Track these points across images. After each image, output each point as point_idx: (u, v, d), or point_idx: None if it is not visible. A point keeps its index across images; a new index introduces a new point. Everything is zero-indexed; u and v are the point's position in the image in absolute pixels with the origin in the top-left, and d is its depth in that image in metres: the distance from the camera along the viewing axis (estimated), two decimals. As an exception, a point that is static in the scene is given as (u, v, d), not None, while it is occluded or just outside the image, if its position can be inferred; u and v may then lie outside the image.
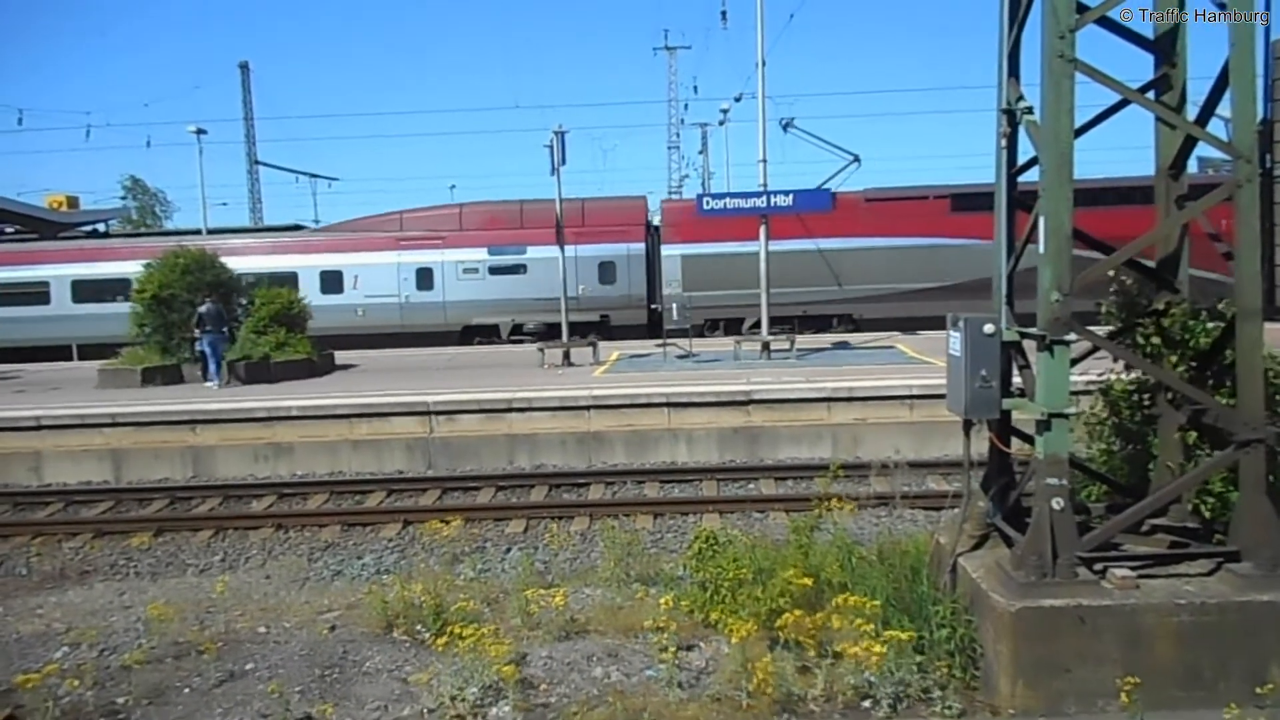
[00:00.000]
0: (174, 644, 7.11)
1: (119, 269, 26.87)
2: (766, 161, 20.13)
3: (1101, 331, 6.15)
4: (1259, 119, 5.48)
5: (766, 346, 19.57)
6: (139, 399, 16.08)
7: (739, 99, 33.47)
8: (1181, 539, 6.00)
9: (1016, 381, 6.24)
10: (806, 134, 21.78)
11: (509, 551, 9.98)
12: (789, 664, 5.88)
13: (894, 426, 13.57)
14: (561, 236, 20.60)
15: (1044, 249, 5.46)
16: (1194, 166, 6.47)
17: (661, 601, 6.49)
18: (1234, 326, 5.59)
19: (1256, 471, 5.48)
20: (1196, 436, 6.04)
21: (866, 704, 5.62)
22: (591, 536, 10.19)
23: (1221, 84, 5.63)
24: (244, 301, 20.77)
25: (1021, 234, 6.04)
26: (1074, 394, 5.57)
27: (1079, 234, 5.68)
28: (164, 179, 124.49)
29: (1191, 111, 6.03)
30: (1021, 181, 6.32)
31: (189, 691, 6.36)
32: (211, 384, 18.19)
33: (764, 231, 19.90)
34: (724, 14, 35.64)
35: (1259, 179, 5.47)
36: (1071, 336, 5.49)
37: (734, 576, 6.59)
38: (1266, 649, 5.28)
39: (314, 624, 7.63)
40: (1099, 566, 5.59)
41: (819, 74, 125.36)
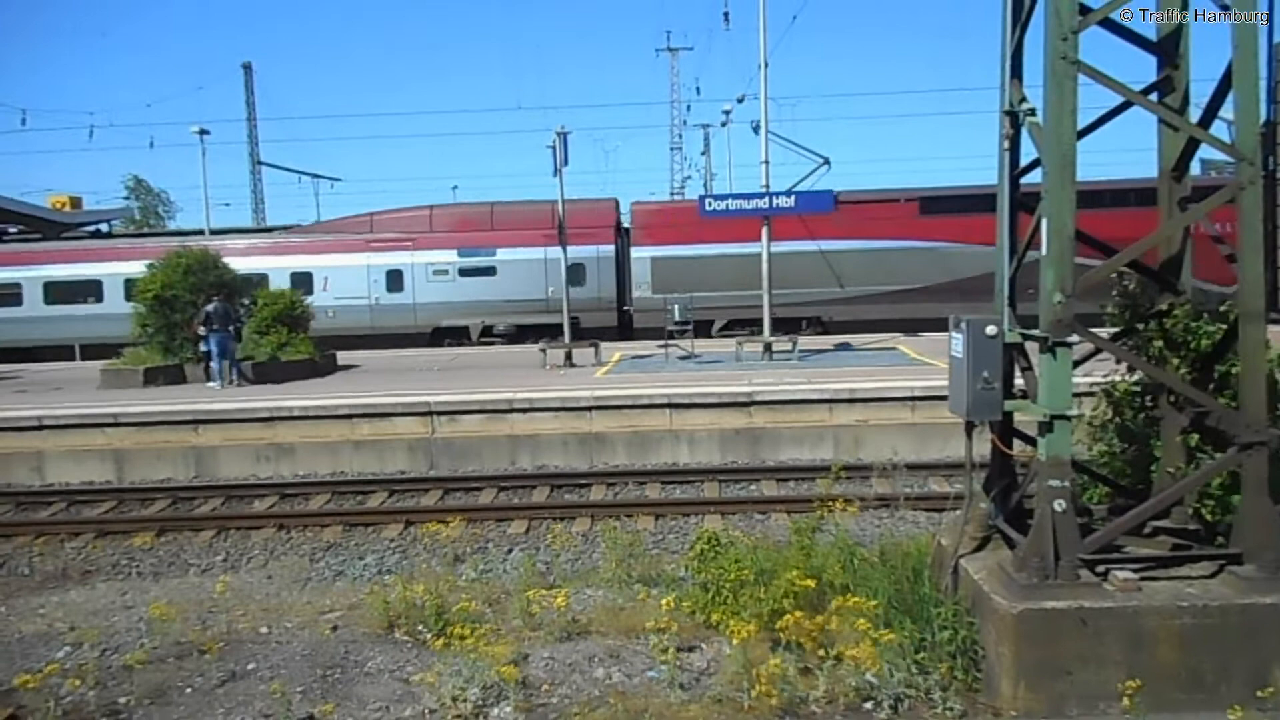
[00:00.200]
0: (176, 644, 7.12)
1: (89, 271, 27.13)
2: (769, 163, 20.17)
3: (1104, 333, 6.15)
4: (1262, 121, 5.47)
5: (768, 348, 19.56)
6: (141, 399, 16.10)
7: (741, 100, 33.50)
8: (1184, 541, 6.00)
9: (1019, 383, 6.24)
10: (778, 137, 21.87)
11: (511, 552, 9.98)
12: (791, 665, 5.87)
13: (896, 428, 13.57)
14: (564, 237, 20.61)
15: (1046, 251, 5.46)
16: (1196, 168, 6.44)
17: (663, 603, 6.50)
18: (1236, 329, 5.59)
19: (1259, 474, 5.48)
20: (1199, 439, 6.04)
21: (868, 705, 5.62)
22: (593, 537, 10.20)
23: (1225, 86, 5.63)
24: (245, 302, 20.76)
25: (1023, 236, 6.04)
26: (1076, 396, 5.57)
27: (1080, 236, 5.68)
28: (167, 179, 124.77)
29: (1194, 114, 6.03)
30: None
31: (191, 691, 6.36)
32: (214, 384, 18.19)
33: (766, 233, 19.87)
34: (726, 15, 35.72)
35: (1262, 181, 5.47)
36: (1074, 338, 5.49)
37: (735, 578, 6.59)
38: (1268, 651, 5.28)
39: (316, 624, 7.63)
40: (1101, 568, 5.58)
41: (821, 75, 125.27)
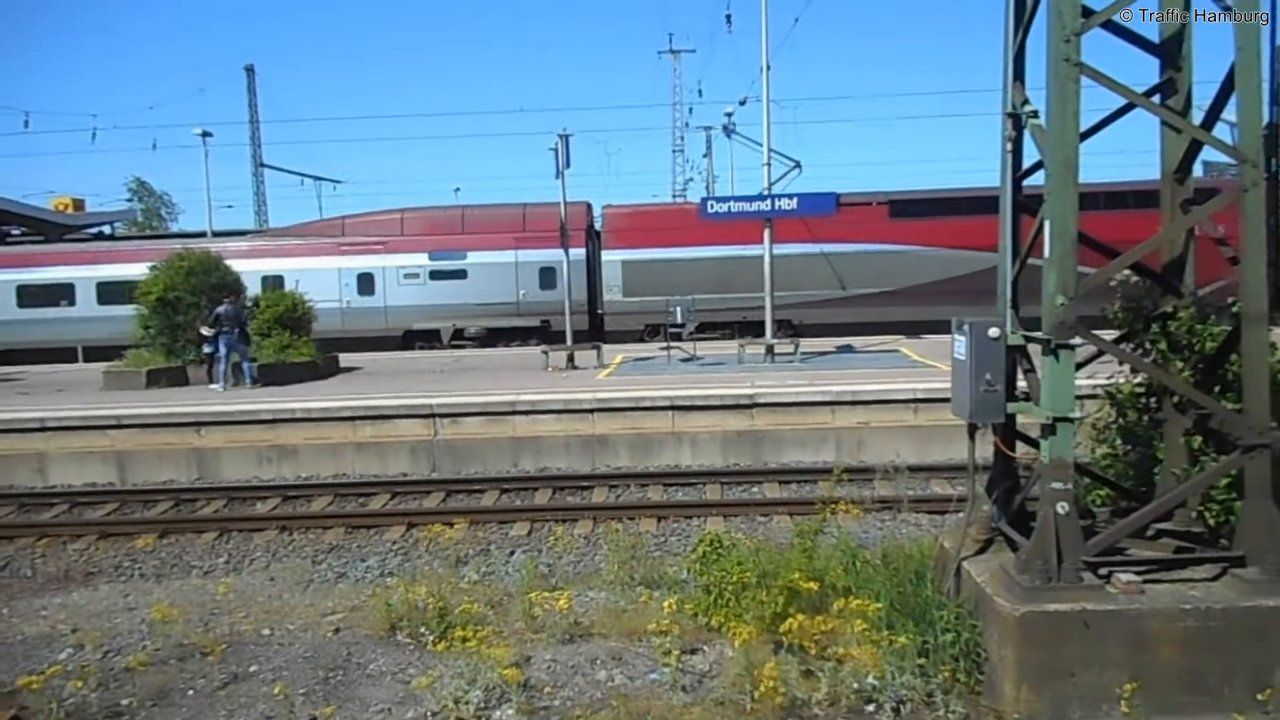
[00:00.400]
0: (178, 646, 7.12)
1: (62, 274, 27.24)
2: (770, 165, 20.17)
3: (1107, 335, 6.14)
4: (1265, 123, 5.45)
5: (770, 350, 19.58)
6: (144, 401, 16.12)
7: (744, 103, 33.44)
8: (1187, 544, 5.99)
9: (1021, 385, 6.23)
10: (749, 140, 21.97)
11: (513, 554, 9.98)
12: (793, 668, 5.86)
13: (898, 430, 13.56)
14: (566, 239, 20.62)
15: (1049, 253, 5.46)
16: (1199, 170, 6.44)
17: (665, 605, 6.50)
18: (1240, 331, 5.58)
19: (1262, 477, 5.46)
20: (1202, 441, 6.03)
21: (870, 708, 5.62)
22: (595, 539, 10.19)
23: (1227, 88, 5.63)
24: (246, 304, 20.78)
25: (1025, 238, 6.04)
26: (1079, 398, 5.56)
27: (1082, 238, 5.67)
28: (170, 181, 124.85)
29: (1197, 116, 6.03)
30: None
31: (193, 694, 6.37)
32: (216, 386, 18.21)
33: (768, 235, 19.88)
34: (729, 18, 35.71)
35: (1265, 183, 5.46)
36: (1077, 340, 5.48)
37: (738, 580, 6.58)
38: (1271, 654, 5.26)
39: (318, 626, 7.64)
40: (1104, 571, 5.57)
41: (823, 77, 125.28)
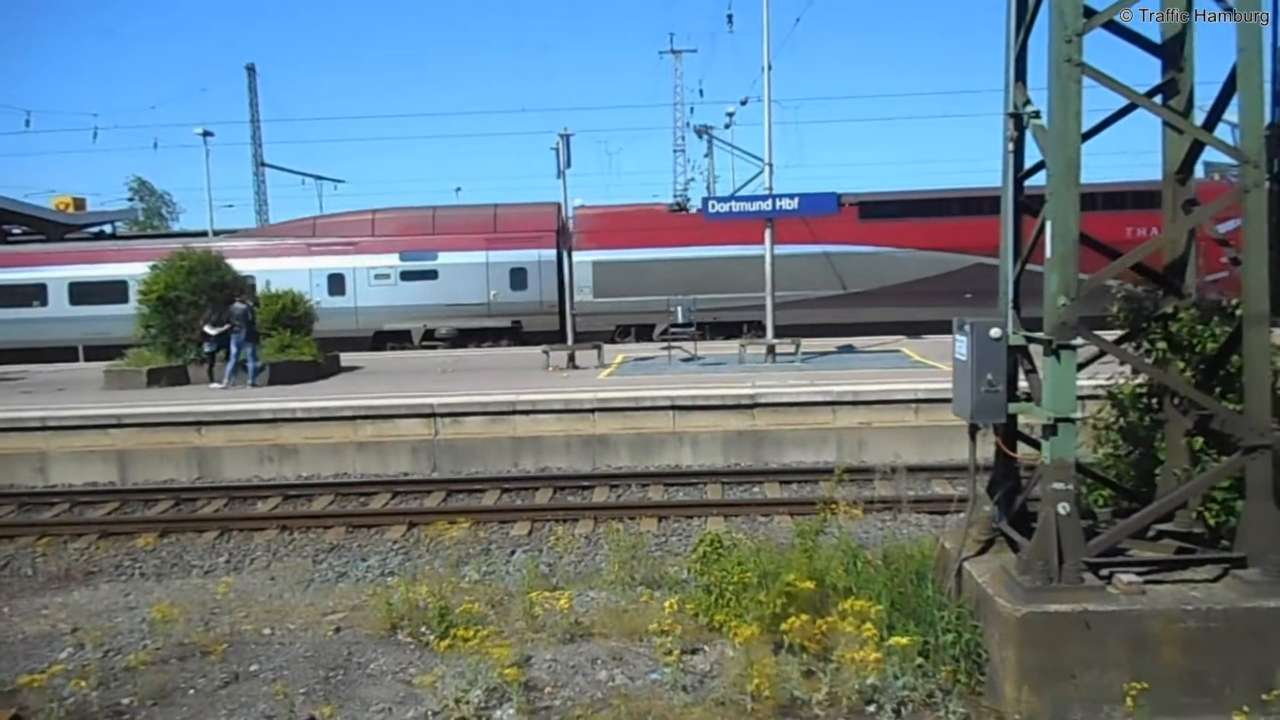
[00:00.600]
0: (179, 645, 7.12)
1: (34, 275, 27.38)
2: (772, 166, 20.16)
3: (1109, 336, 6.14)
4: (1267, 123, 5.45)
5: (772, 350, 19.57)
6: (144, 400, 16.12)
7: (745, 103, 33.49)
8: (1188, 545, 5.98)
9: (1023, 386, 6.23)
10: (722, 142, 22.04)
11: (514, 554, 9.98)
12: (793, 668, 5.86)
13: (899, 430, 13.55)
14: (569, 240, 20.64)
15: (1051, 253, 5.46)
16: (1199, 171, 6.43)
17: (666, 605, 6.50)
18: (1241, 331, 5.57)
19: (1263, 477, 5.46)
20: (1203, 442, 6.02)
21: (871, 709, 5.61)
22: (596, 539, 10.19)
23: (1229, 88, 5.62)
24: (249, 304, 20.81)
25: (1026, 238, 6.04)
26: (1081, 399, 5.56)
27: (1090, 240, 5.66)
28: (171, 181, 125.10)
29: (1199, 117, 6.02)
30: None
31: (194, 693, 6.37)
32: (217, 385, 18.24)
33: (769, 235, 19.89)
34: (730, 18, 35.64)
35: (1267, 184, 5.45)
36: (1078, 341, 5.48)
37: (738, 580, 6.58)
38: (1273, 655, 5.25)
39: (319, 626, 7.64)
40: (1105, 572, 5.57)
41: (825, 77, 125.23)
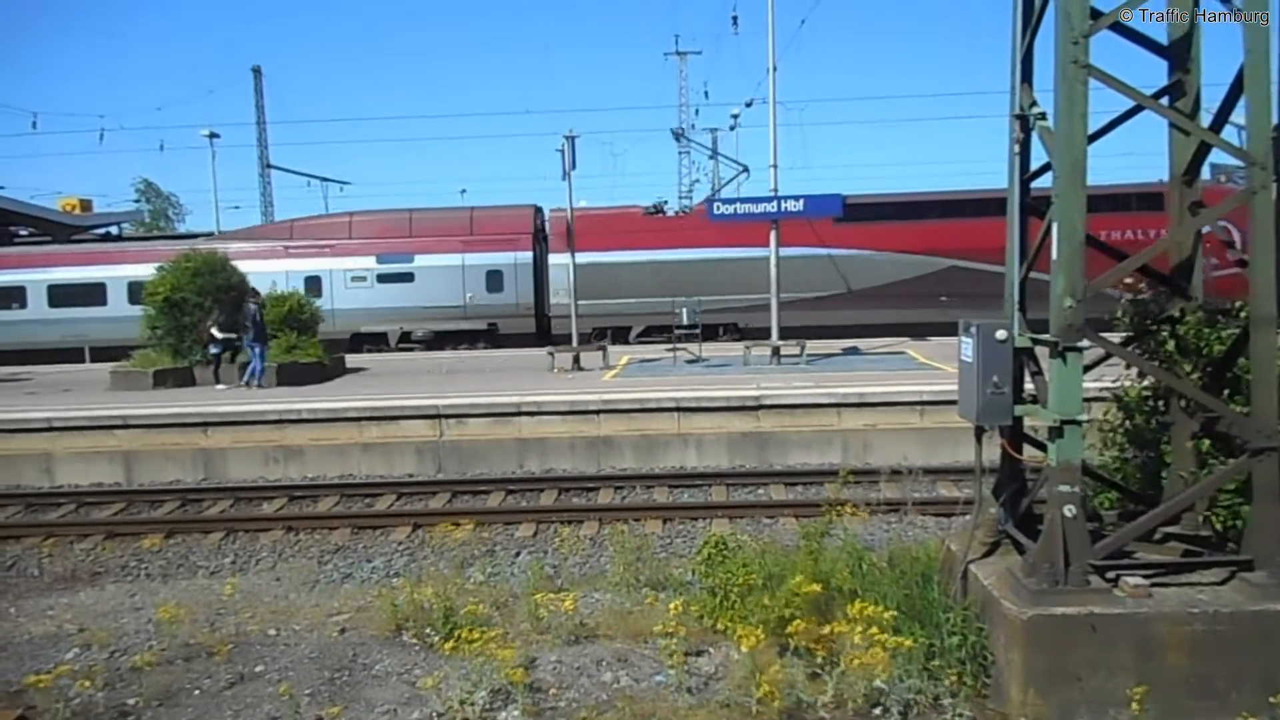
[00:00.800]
0: (184, 646, 7.13)
1: (12, 278, 27.53)
2: (777, 167, 20.15)
3: (1115, 338, 6.12)
4: (1275, 125, 5.43)
5: (776, 352, 19.55)
6: (150, 401, 16.16)
7: (750, 104, 33.57)
8: (1194, 547, 5.96)
9: (1029, 388, 6.21)
10: (698, 144, 22.02)
11: (518, 555, 9.99)
12: (799, 671, 5.86)
13: (904, 432, 13.53)
14: (572, 241, 20.59)
15: (1057, 255, 5.44)
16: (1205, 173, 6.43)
17: (671, 607, 6.48)
18: (1248, 334, 5.55)
19: (1270, 480, 5.44)
20: (1210, 444, 6.00)
21: (877, 711, 5.60)
22: (601, 541, 10.19)
23: (1236, 90, 5.60)
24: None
25: (1031, 241, 6.03)
26: (1087, 401, 5.54)
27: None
28: (177, 182, 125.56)
29: (1205, 119, 6.00)
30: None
31: (199, 693, 6.37)
32: (222, 386, 18.28)
33: (774, 237, 19.87)
34: (735, 19, 35.52)
35: (1275, 186, 5.43)
36: (1085, 343, 5.46)
37: (743, 582, 6.58)
38: (1280, 659, 5.24)
39: (324, 627, 7.64)
40: (1111, 575, 5.55)
41: (830, 79, 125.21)
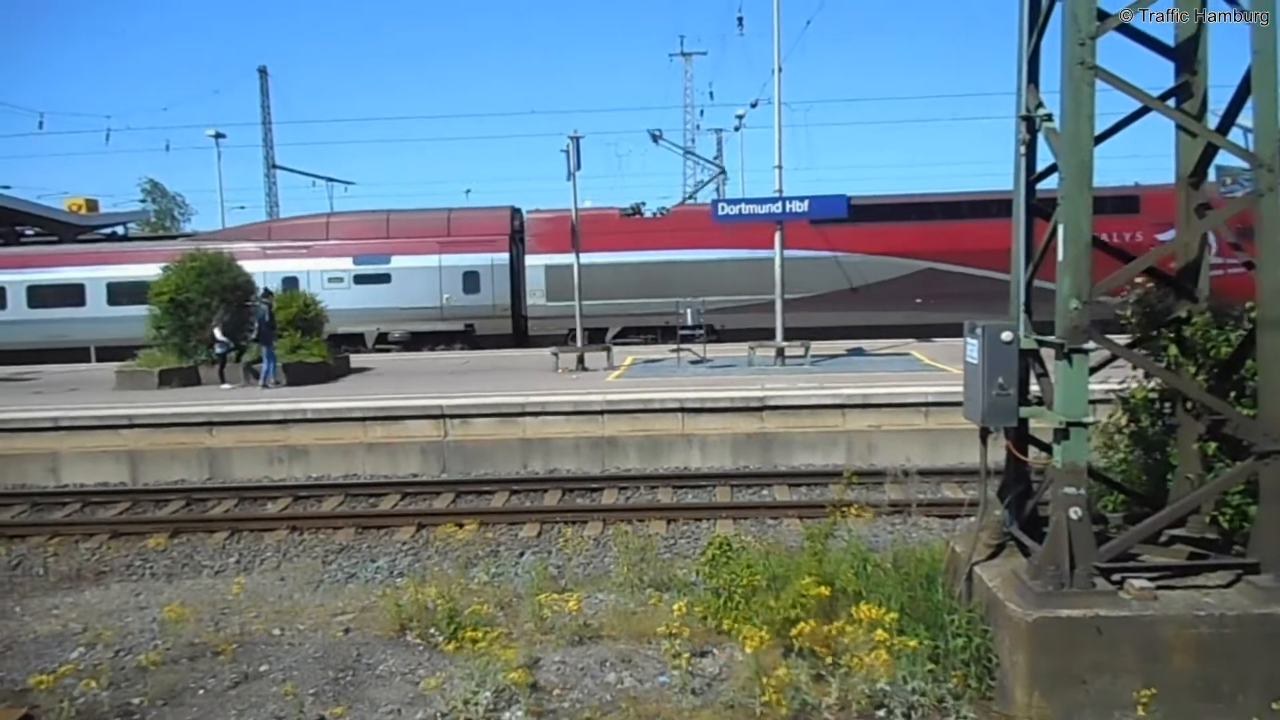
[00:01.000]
0: (189, 645, 7.15)
1: None
2: (782, 167, 20.17)
3: (1121, 339, 6.11)
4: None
5: (781, 352, 19.54)
6: (156, 401, 16.19)
7: (755, 105, 33.41)
8: (1200, 550, 5.95)
9: (1034, 390, 6.20)
10: (675, 146, 22.04)
11: (522, 555, 9.99)
12: (803, 672, 5.85)
13: (909, 434, 13.51)
14: (576, 242, 20.58)
15: (1063, 256, 5.43)
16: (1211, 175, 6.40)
17: (675, 607, 6.48)
18: (1256, 336, 5.54)
19: (1277, 483, 5.42)
20: (1216, 447, 5.99)
21: (881, 713, 5.59)
22: (605, 541, 10.19)
23: (1243, 92, 5.59)
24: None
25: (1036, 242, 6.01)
26: (1092, 402, 5.53)
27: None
28: (183, 182, 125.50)
29: (1212, 121, 5.99)
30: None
31: (204, 693, 6.38)
32: (227, 386, 18.31)
33: (779, 238, 19.86)
34: (740, 20, 35.44)
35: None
36: (1090, 345, 5.45)
37: (748, 583, 6.58)
38: (1286, 662, 5.22)
39: (328, 626, 7.65)
40: (1117, 577, 5.54)
41: (835, 80, 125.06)
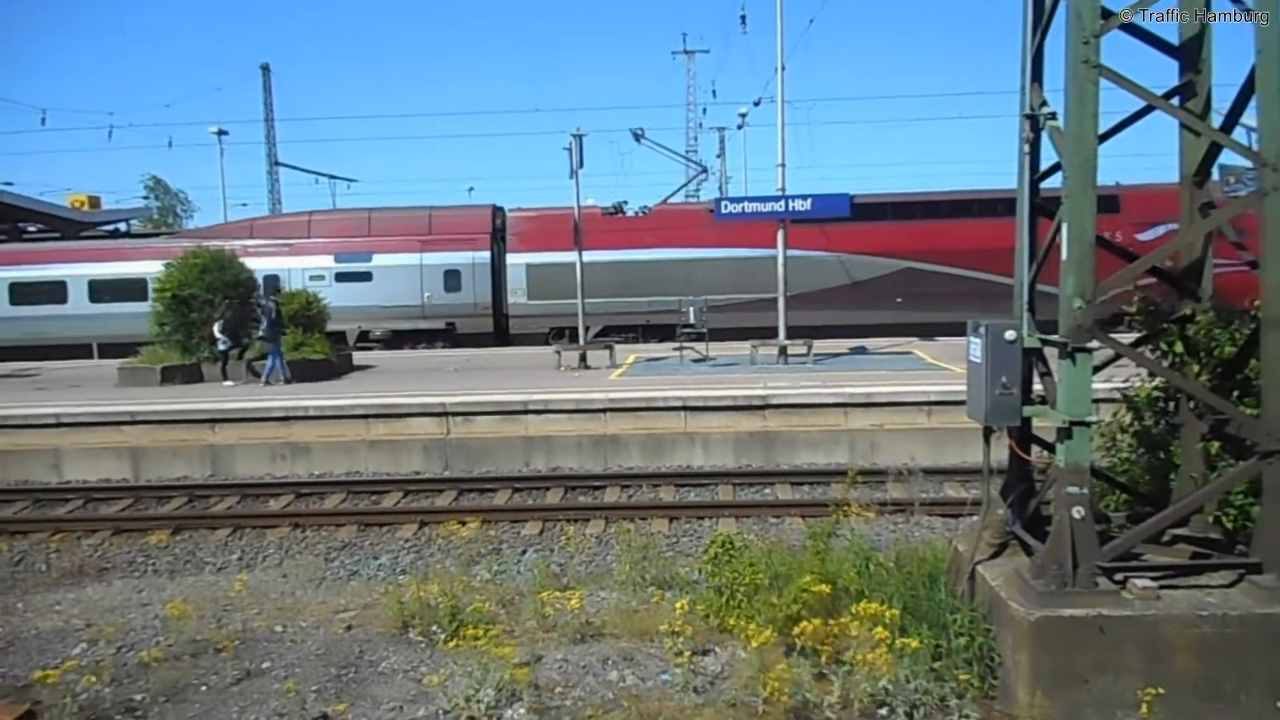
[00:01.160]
0: (191, 642, 7.15)
1: None
2: (785, 166, 20.13)
3: (1124, 338, 6.10)
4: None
5: (784, 351, 19.53)
6: (158, 398, 16.21)
7: (758, 103, 33.47)
8: (1203, 550, 5.94)
9: (1037, 388, 6.20)
10: (657, 145, 22.09)
11: (525, 553, 9.99)
12: (805, 671, 5.85)
13: (911, 432, 13.51)
14: (580, 241, 20.57)
15: (1067, 255, 5.42)
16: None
17: (677, 606, 6.48)
18: (1260, 335, 5.52)
19: (1280, 483, 5.42)
20: (1219, 446, 5.98)
21: (883, 712, 5.59)
22: (607, 539, 10.19)
23: (1247, 90, 5.58)
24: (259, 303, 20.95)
25: (1041, 240, 6.00)
26: (1096, 402, 5.52)
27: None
28: (185, 179, 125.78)
29: (1216, 120, 5.98)
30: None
31: (206, 690, 6.39)
32: (229, 383, 18.34)
33: (781, 238, 19.84)
34: (743, 18, 35.53)
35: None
36: (1094, 344, 5.44)
37: (750, 582, 6.58)
38: (1290, 662, 5.21)
39: (330, 623, 7.66)
40: (1119, 576, 5.53)
41: (838, 78, 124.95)
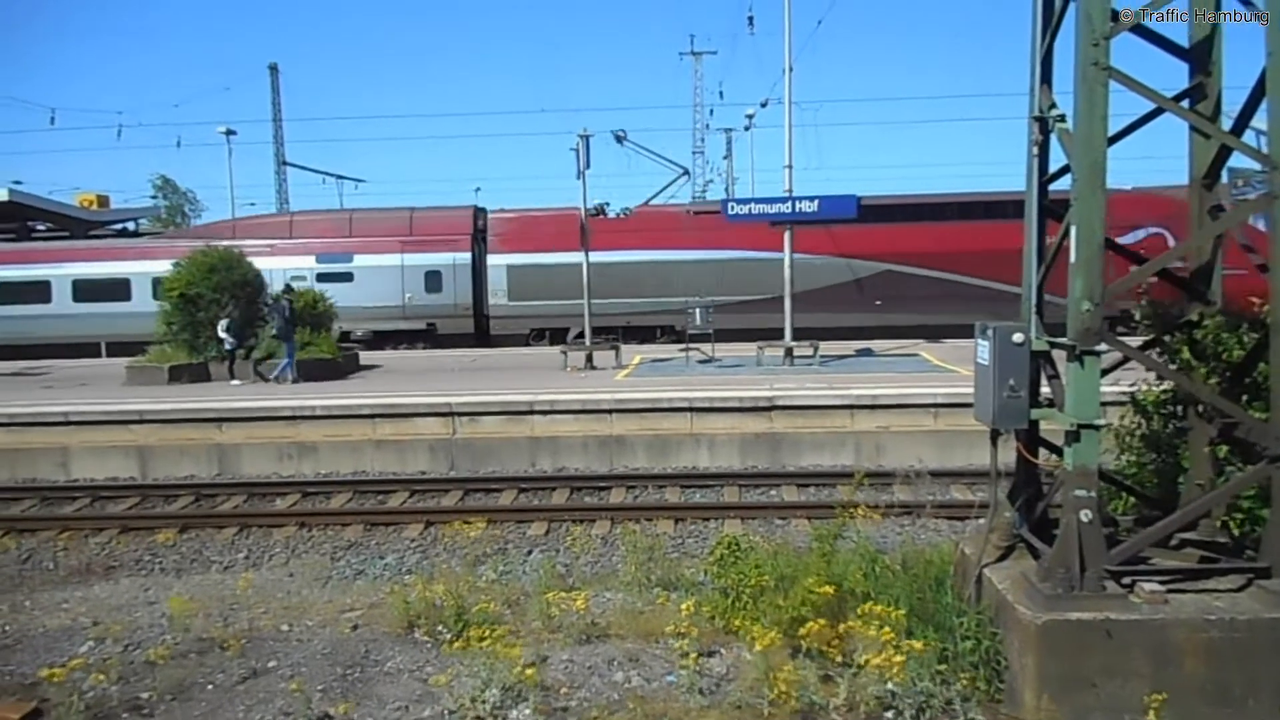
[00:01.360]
0: (198, 640, 7.16)
1: None
2: (792, 167, 20.10)
3: (1133, 341, 6.08)
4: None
5: (790, 352, 19.51)
6: (166, 396, 16.25)
7: (765, 104, 33.42)
8: (1211, 554, 5.91)
9: (1045, 391, 6.18)
10: (639, 147, 22.15)
11: (530, 554, 10.00)
12: (811, 673, 5.84)
13: (918, 435, 13.49)
14: (586, 240, 20.58)
15: (1075, 258, 5.41)
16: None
17: (683, 607, 6.47)
18: (1269, 339, 5.50)
19: (1289, 487, 5.39)
20: (1228, 450, 5.96)
21: (889, 715, 5.57)
22: (613, 540, 10.19)
23: (1258, 93, 5.55)
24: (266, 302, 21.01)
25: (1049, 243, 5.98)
26: (1104, 405, 5.51)
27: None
28: (194, 178, 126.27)
29: (1226, 123, 5.96)
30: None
31: (212, 688, 6.40)
32: (236, 382, 18.39)
33: (788, 239, 19.81)
34: (751, 19, 35.41)
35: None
36: (1102, 347, 5.42)
37: (756, 583, 6.57)
38: (1298, 667, 5.19)
39: (336, 623, 7.66)
40: (1127, 580, 5.51)
41: (845, 79, 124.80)
